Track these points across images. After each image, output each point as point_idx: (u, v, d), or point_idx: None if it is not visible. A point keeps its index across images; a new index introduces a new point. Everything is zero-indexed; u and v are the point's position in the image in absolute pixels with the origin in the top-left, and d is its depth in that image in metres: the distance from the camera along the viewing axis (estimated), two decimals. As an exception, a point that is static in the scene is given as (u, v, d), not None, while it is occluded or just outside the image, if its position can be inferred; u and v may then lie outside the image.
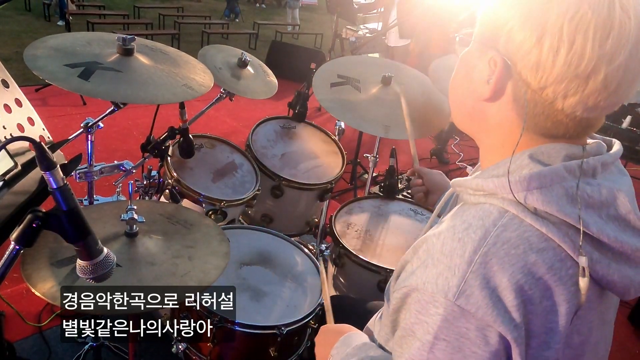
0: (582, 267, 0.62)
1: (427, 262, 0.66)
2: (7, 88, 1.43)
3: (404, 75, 2.13)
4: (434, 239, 0.68)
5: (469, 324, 0.61)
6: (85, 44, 1.63)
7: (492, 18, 0.67)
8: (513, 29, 0.63)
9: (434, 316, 0.63)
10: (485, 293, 0.61)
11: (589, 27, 0.58)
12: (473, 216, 0.67)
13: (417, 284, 0.65)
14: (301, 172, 2.17)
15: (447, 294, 0.61)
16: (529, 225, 0.64)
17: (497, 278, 0.61)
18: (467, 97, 0.74)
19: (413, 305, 0.66)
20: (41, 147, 0.76)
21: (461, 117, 0.79)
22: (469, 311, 0.61)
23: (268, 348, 1.49)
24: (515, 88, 0.66)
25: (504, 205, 0.66)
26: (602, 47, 0.58)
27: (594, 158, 0.68)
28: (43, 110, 4.25)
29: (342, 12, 6.29)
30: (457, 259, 0.63)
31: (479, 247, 0.62)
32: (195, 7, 12.89)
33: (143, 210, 1.36)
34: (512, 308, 0.61)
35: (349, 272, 1.84)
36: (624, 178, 0.71)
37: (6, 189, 1.26)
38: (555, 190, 0.64)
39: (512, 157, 0.68)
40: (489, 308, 0.60)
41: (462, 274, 0.61)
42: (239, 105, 5.23)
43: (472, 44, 0.73)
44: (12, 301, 2.07)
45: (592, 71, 0.60)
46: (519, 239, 0.63)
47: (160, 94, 1.55)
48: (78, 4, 9.52)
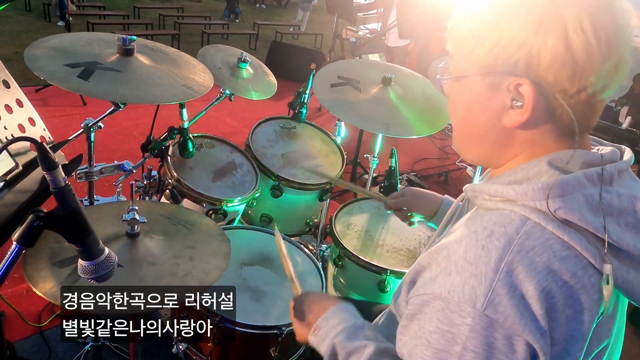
0: (607, 275, 0.62)
1: (449, 269, 0.65)
2: (8, 88, 1.43)
3: (403, 76, 2.14)
4: (454, 246, 0.67)
5: (497, 333, 0.60)
6: (85, 44, 1.63)
7: (497, 46, 0.65)
8: (534, 47, 0.62)
9: (461, 326, 0.61)
10: (513, 302, 0.60)
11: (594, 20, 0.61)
12: (494, 223, 0.66)
13: (441, 291, 0.64)
14: (301, 172, 2.17)
15: (476, 304, 0.60)
16: (550, 233, 0.63)
17: (524, 286, 0.60)
18: (490, 131, 0.72)
19: (434, 314, 0.64)
20: (43, 147, 0.77)
21: (479, 152, 0.77)
22: (497, 321, 0.60)
23: (269, 348, 1.49)
24: (552, 102, 0.65)
25: (525, 212, 0.65)
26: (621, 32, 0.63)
27: (611, 165, 0.68)
28: (43, 110, 4.25)
29: (342, 12, 6.30)
30: (482, 267, 0.62)
31: (504, 255, 0.62)
32: (195, 8, 12.88)
33: (144, 211, 1.36)
34: (540, 316, 0.60)
35: (349, 272, 1.84)
36: (637, 185, 0.72)
37: (7, 189, 1.26)
38: (577, 198, 0.64)
39: (529, 164, 0.68)
40: (517, 317, 0.60)
41: (489, 283, 0.61)
42: (239, 105, 5.22)
43: (466, 79, 0.70)
44: (12, 301, 2.07)
45: (612, 53, 0.62)
46: (542, 247, 0.62)
47: (160, 94, 1.55)
48: (78, 4, 9.51)
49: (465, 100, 0.73)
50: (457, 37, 0.71)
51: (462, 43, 0.70)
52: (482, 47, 0.67)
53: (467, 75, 0.70)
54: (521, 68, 0.64)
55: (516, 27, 0.63)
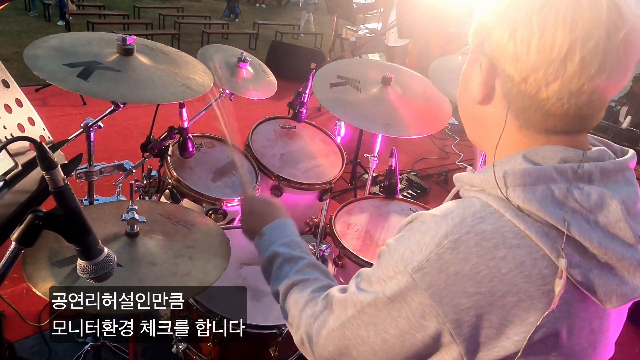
0: (561, 270, 0.62)
1: (405, 235, 0.71)
2: (7, 88, 1.43)
3: (403, 76, 2.14)
4: (420, 217, 0.72)
5: (415, 296, 0.66)
6: (85, 43, 1.63)
7: (479, 26, 0.72)
8: (492, 29, 0.68)
9: (392, 279, 0.68)
10: (442, 276, 0.64)
11: (558, 14, 0.61)
12: (457, 205, 0.69)
13: (389, 249, 0.71)
14: (301, 171, 2.17)
15: (407, 266, 0.66)
16: (507, 220, 0.65)
17: (459, 265, 0.63)
18: (468, 104, 0.78)
19: (380, 263, 0.73)
20: (42, 147, 0.76)
21: (467, 126, 0.81)
22: (420, 286, 0.65)
23: (268, 348, 1.49)
24: (503, 85, 0.69)
25: (488, 199, 0.68)
26: (573, 30, 0.61)
27: (590, 164, 0.67)
28: (43, 110, 4.25)
29: (342, 12, 6.30)
30: (427, 239, 0.66)
31: (450, 233, 0.65)
32: (195, 7, 12.89)
33: (144, 210, 1.36)
34: (464, 295, 0.63)
35: (349, 272, 1.84)
36: (627, 188, 0.70)
37: (7, 189, 1.26)
38: (539, 189, 0.64)
39: (507, 158, 0.70)
40: (439, 289, 0.64)
41: (427, 253, 0.65)
42: (239, 105, 5.22)
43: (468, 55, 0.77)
44: (12, 301, 2.07)
45: (566, 54, 0.61)
46: (493, 233, 0.64)
47: (160, 93, 1.55)
48: (78, 4, 9.52)
49: (463, 74, 0.79)
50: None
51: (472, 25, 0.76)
52: (476, 26, 0.73)
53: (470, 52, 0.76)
54: (487, 48, 0.69)
55: (493, 12, 0.69)
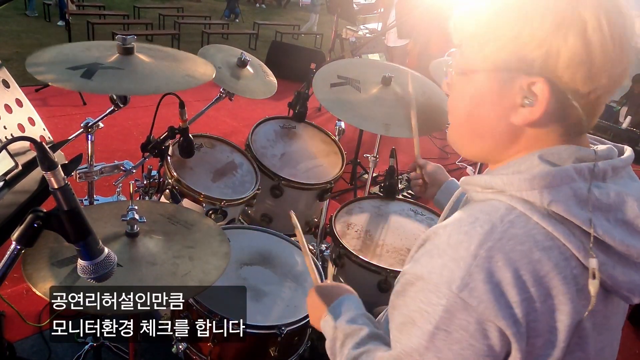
0: (593, 269, 0.62)
1: (432, 252, 0.67)
2: (7, 88, 1.43)
3: (403, 76, 2.13)
4: (440, 231, 0.68)
5: (470, 317, 0.62)
6: (85, 49, 1.63)
7: (513, 42, 0.64)
8: (553, 46, 0.62)
9: (436, 306, 0.63)
10: (488, 287, 0.61)
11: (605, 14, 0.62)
12: (480, 210, 0.67)
13: (422, 272, 0.66)
14: (301, 172, 2.17)
15: (451, 286, 0.62)
16: (535, 223, 0.64)
17: (501, 273, 0.61)
18: (495, 128, 0.71)
19: (416, 293, 0.66)
20: (42, 147, 0.77)
21: (480, 148, 0.75)
22: (470, 304, 0.61)
23: (268, 348, 1.49)
24: (563, 101, 0.65)
25: (512, 202, 0.66)
26: (614, 23, 0.62)
27: (604, 162, 0.68)
28: (43, 110, 4.25)
29: (342, 12, 6.29)
30: (462, 252, 0.63)
31: (485, 241, 0.63)
32: (195, 7, 12.89)
33: (144, 211, 1.36)
34: (515, 304, 0.61)
35: (348, 272, 1.84)
36: (634, 184, 0.71)
37: (7, 189, 1.26)
38: (564, 190, 0.64)
39: (522, 158, 0.69)
40: (490, 302, 0.61)
41: (466, 267, 0.62)
42: (239, 105, 5.23)
43: (474, 74, 0.69)
44: (12, 301, 2.07)
45: (619, 47, 0.62)
46: (525, 236, 0.63)
47: (163, 83, 1.55)
48: (78, 4, 9.52)
49: (471, 95, 0.71)
50: (467, 29, 0.70)
51: (472, 35, 0.69)
52: (495, 42, 0.66)
53: (477, 70, 0.69)
54: (537, 67, 0.63)
55: (536, 24, 0.62)
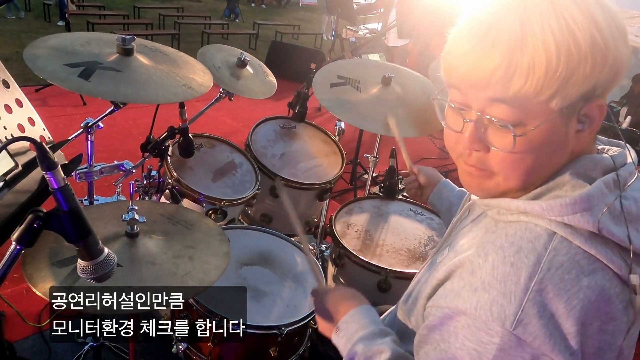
0: (635, 285, 0.62)
1: (475, 284, 0.64)
2: (7, 88, 1.43)
3: (403, 76, 2.13)
4: (479, 260, 0.66)
5: (525, 353, 0.60)
6: (85, 43, 1.63)
7: (580, 86, 0.61)
8: (620, 60, 0.62)
9: (488, 345, 0.60)
10: (542, 322, 0.59)
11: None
12: (521, 238, 0.65)
13: (466, 307, 0.63)
14: (301, 171, 2.17)
15: (505, 323, 0.60)
16: (577, 247, 0.63)
17: (554, 305, 0.60)
18: (557, 163, 0.68)
19: (460, 330, 0.63)
20: (42, 147, 0.76)
21: (529, 181, 0.69)
22: (525, 341, 0.59)
23: (268, 348, 1.49)
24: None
25: (552, 227, 0.64)
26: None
27: (623, 169, 0.68)
28: (43, 110, 4.25)
29: (342, 12, 6.29)
30: (511, 285, 0.61)
31: (534, 273, 0.61)
32: (195, 7, 12.88)
33: (144, 211, 1.36)
34: (569, 335, 0.60)
35: (348, 272, 1.84)
36: None
37: (7, 189, 1.26)
38: (601, 209, 0.63)
39: (554, 182, 0.68)
40: (546, 337, 0.59)
41: (519, 302, 0.60)
42: (239, 105, 5.23)
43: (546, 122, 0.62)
44: (12, 301, 2.07)
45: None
46: (570, 263, 0.62)
47: (161, 93, 1.55)
48: (78, 4, 9.51)
49: (539, 144, 0.64)
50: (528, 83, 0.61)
51: (536, 89, 0.61)
52: (572, 87, 0.61)
53: (546, 120, 0.62)
54: (601, 89, 0.62)
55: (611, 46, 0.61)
